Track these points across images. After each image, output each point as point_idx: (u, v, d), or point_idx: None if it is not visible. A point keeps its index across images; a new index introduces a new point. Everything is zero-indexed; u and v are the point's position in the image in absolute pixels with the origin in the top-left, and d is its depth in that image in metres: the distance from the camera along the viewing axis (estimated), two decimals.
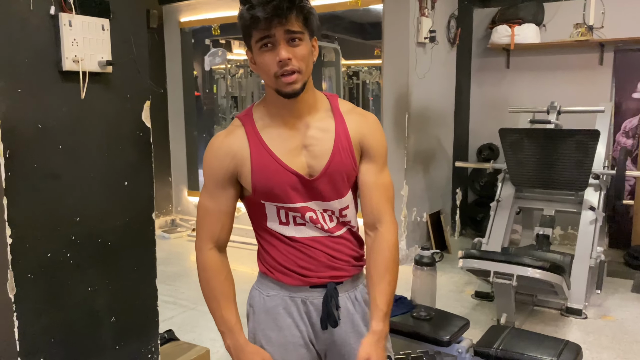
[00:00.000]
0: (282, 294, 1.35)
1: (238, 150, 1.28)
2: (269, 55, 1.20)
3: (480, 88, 5.19)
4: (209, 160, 1.32)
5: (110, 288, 2.12)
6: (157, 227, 5.61)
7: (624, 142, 4.63)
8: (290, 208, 1.29)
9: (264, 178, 1.27)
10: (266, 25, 1.17)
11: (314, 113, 1.31)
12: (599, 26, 4.50)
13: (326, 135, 1.30)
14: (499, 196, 3.92)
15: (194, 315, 3.50)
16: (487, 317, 3.37)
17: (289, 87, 1.21)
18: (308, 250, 1.31)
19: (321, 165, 1.28)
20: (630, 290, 3.84)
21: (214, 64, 7.30)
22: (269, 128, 1.30)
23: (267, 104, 1.32)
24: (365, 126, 1.34)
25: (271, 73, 1.21)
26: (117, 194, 2.12)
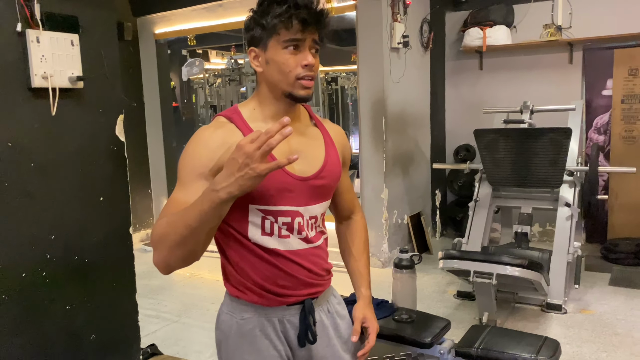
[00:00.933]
0: (258, 316, 1.30)
1: (233, 144, 1.14)
2: (293, 56, 1.21)
3: (455, 90, 5.26)
4: (197, 150, 1.20)
5: (89, 305, 2.10)
6: (138, 240, 5.56)
7: (595, 139, 4.73)
8: (280, 212, 1.25)
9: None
10: (302, 28, 1.20)
11: (301, 121, 1.34)
12: (567, 26, 4.60)
13: (316, 142, 1.34)
14: (477, 196, 3.97)
15: (177, 328, 3.47)
16: (469, 317, 3.41)
17: (305, 91, 1.24)
18: (288, 267, 1.27)
19: (314, 170, 1.30)
20: (608, 284, 3.91)
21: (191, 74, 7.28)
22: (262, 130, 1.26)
23: (260, 106, 1.29)
24: (342, 138, 1.42)
25: (292, 74, 1.21)
26: (93, 209, 2.12)
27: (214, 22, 5.21)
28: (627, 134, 4.61)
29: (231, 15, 5.05)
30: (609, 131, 4.69)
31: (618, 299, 3.62)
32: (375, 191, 4.46)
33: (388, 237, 4.49)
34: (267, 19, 1.21)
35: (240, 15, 4.99)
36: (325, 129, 1.39)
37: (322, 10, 1.22)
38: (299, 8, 1.19)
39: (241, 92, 6.85)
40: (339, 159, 1.37)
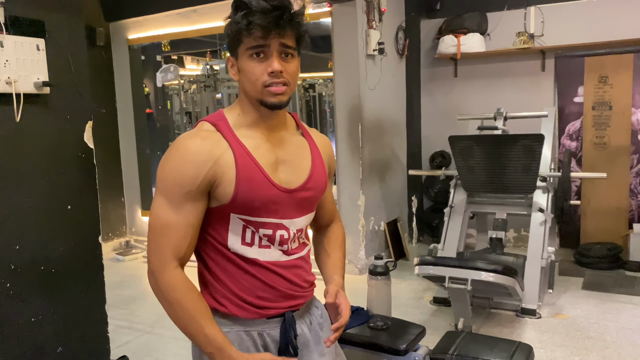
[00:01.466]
0: (236, 329, 1.25)
1: (220, 157, 1.17)
2: (259, 64, 1.17)
3: (431, 97, 5.30)
4: (182, 166, 1.16)
5: (55, 317, 2.04)
6: (111, 249, 5.45)
7: (568, 145, 4.81)
8: (262, 224, 1.22)
9: (248, 188, 1.18)
10: (263, 34, 1.14)
11: (287, 129, 1.31)
12: (540, 34, 4.68)
13: (303, 152, 1.30)
14: (452, 202, 3.99)
15: (150, 339, 3.40)
16: (445, 323, 3.41)
17: (276, 97, 1.18)
18: (269, 278, 1.24)
19: (299, 181, 1.26)
20: (581, 288, 3.96)
21: (166, 80, 7.20)
22: (248, 138, 1.22)
23: (243, 113, 1.25)
24: (328, 148, 1.40)
25: (259, 82, 1.17)
26: (59, 218, 2.06)
27: (189, 27, 5.17)
28: (598, 140, 4.69)
29: (206, 21, 5.02)
30: (580, 137, 4.77)
31: (590, 303, 3.67)
32: (352, 198, 4.46)
33: (365, 244, 4.48)
34: (231, 27, 1.19)
35: (215, 21, 4.96)
36: (312, 138, 1.35)
37: (284, 12, 1.15)
38: (256, 14, 1.14)
39: (217, 98, 6.80)
40: (325, 169, 1.34)
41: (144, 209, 5.69)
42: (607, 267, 4.33)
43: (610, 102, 4.62)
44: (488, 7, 4.88)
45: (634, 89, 4.54)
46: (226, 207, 1.18)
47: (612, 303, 3.65)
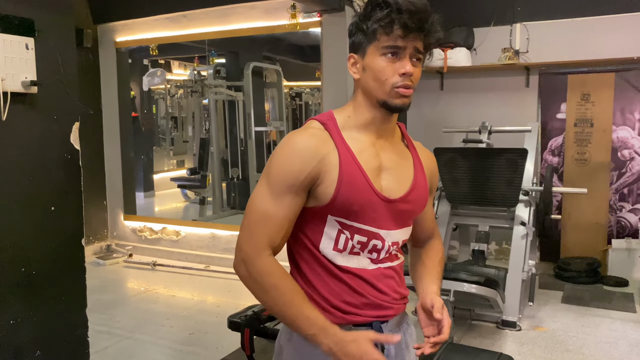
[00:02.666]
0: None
1: (326, 155, 1.17)
2: (390, 64, 1.15)
3: (417, 109, 5.35)
4: (289, 159, 1.17)
5: (35, 319, 2.01)
6: (92, 253, 5.38)
7: (550, 160, 4.89)
8: (359, 230, 1.19)
9: (349, 191, 1.16)
10: (404, 34, 1.13)
11: (394, 138, 1.29)
12: (525, 51, 4.77)
13: (406, 163, 1.28)
14: (436, 213, 4.02)
15: (130, 344, 3.36)
16: None
17: (402, 99, 1.17)
18: (356, 284, 1.20)
19: (401, 192, 1.23)
20: (561, 301, 4.02)
21: (152, 84, 7.18)
22: (354, 140, 1.21)
23: (355, 114, 1.23)
24: (432, 163, 1.36)
25: (388, 82, 1.15)
26: (43, 220, 2.03)
27: (178, 32, 5.16)
28: (579, 156, 4.78)
29: (195, 27, 5.01)
30: (562, 153, 4.85)
31: (570, 316, 3.72)
32: None
33: None
34: (367, 24, 1.16)
35: (205, 27, 4.97)
36: (416, 151, 1.32)
37: (427, 16, 1.14)
38: (401, 12, 1.12)
39: (203, 104, 6.79)
40: (426, 184, 1.30)
41: (127, 213, 5.63)
42: (586, 282, 4.39)
43: (591, 119, 4.72)
44: (475, 22, 4.97)
45: (615, 107, 4.64)
46: (324, 208, 1.18)
47: (590, 317, 3.70)
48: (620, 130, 4.66)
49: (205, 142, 6.61)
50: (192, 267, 4.91)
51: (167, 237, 5.37)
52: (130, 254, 5.33)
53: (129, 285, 4.73)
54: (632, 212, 4.67)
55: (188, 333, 3.50)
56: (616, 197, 4.71)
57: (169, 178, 7.62)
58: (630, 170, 4.65)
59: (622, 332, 3.43)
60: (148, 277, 4.80)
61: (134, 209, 5.75)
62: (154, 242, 5.45)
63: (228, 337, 3.03)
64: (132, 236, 5.57)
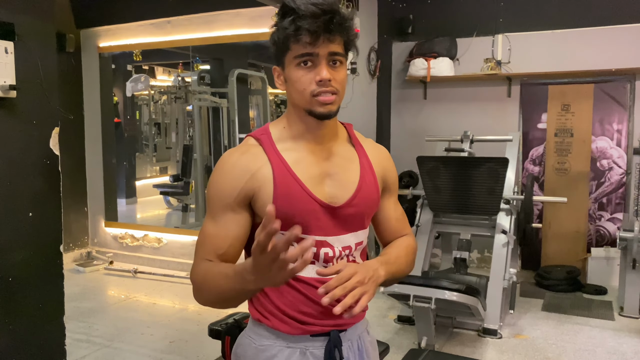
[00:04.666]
0: (279, 344, 1.20)
1: (257, 171, 1.16)
2: (306, 73, 1.12)
3: (400, 118, 5.39)
4: (221, 179, 1.17)
5: (10, 327, 1.97)
6: (72, 260, 5.30)
7: (531, 169, 4.95)
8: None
9: (287, 204, 1.14)
10: (312, 41, 1.09)
11: (336, 140, 1.25)
12: (507, 61, 4.84)
13: (351, 165, 1.24)
14: (418, 221, 4.04)
15: (109, 353, 3.31)
16: (409, 341, 3.43)
17: (325, 107, 1.13)
18: (311, 293, 1.16)
19: (346, 196, 1.20)
20: (541, 309, 4.05)
21: (136, 90, 7.13)
22: (291, 151, 1.19)
23: (289, 125, 1.21)
24: (384, 160, 1.32)
25: (307, 92, 1.12)
26: (19, 225, 2.00)
27: (162, 38, 5.14)
28: (559, 166, 4.85)
29: (179, 33, 5.00)
30: (543, 163, 4.92)
31: (549, 324, 3.75)
32: None
33: None
34: (277, 35, 1.14)
35: (189, 33, 4.95)
36: (364, 150, 1.28)
37: (334, 17, 1.09)
38: (306, 18, 1.08)
39: (187, 110, 6.76)
40: (376, 183, 1.26)
41: (108, 219, 5.57)
42: (566, 290, 4.44)
43: (571, 129, 4.79)
44: (458, 33, 5.03)
45: (594, 117, 4.72)
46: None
47: (570, 325, 3.74)
48: (599, 140, 4.74)
49: (188, 148, 6.57)
50: (174, 274, 4.87)
51: (148, 245, 5.32)
52: (111, 262, 5.27)
53: (109, 292, 4.67)
54: (610, 221, 4.74)
55: (169, 341, 3.46)
56: (595, 206, 4.78)
57: (151, 185, 7.55)
58: (609, 180, 4.73)
59: (601, 340, 3.47)
60: (129, 285, 4.74)
61: (115, 216, 5.69)
62: (135, 250, 5.39)
63: (209, 345, 3.00)
64: (113, 243, 5.50)
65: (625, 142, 4.66)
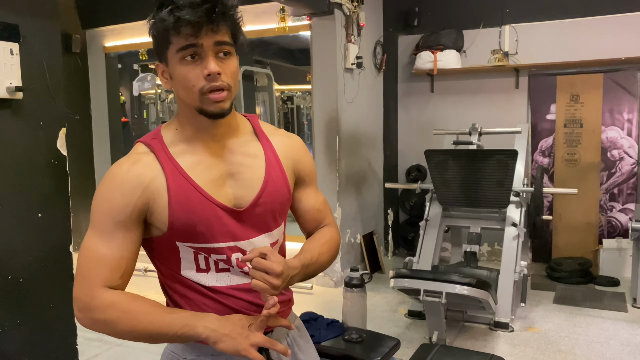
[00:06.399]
0: (203, 357, 1.13)
1: (150, 182, 1.06)
2: (193, 68, 1.03)
3: (407, 112, 5.36)
4: (110, 195, 1.06)
5: (22, 328, 1.98)
6: None
7: (540, 161, 4.90)
8: (213, 249, 1.09)
9: (185, 213, 1.06)
10: (194, 32, 1.00)
11: (237, 136, 1.15)
12: (514, 52, 4.78)
13: (255, 162, 1.15)
14: (428, 215, 4.02)
15: (120, 352, 3.32)
16: (419, 336, 3.42)
17: (216, 105, 1.04)
18: (233, 303, 1.11)
19: (251, 196, 1.12)
20: (552, 302, 4.02)
21: (142, 89, 7.14)
22: (186, 154, 1.10)
23: (181, 126, 1.12)
24: (295, 150, 1.23)
25: (195, 89, 1.03)
26: (29, 227, 2.01)
27: None
28: (569, 157, 4.80)
29: None
30: (552, 154, 4.87)
31: (561, 316, 3.73)
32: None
33: (341, 256, 4.48)
34: (156, 27, 1.05)
35: None
36: (270, 143, 1.19)
37: (215, 5, 1.01)
38: (184, 8, 0.99)
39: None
40: (284, 177, 1.18)
41: None
42: (577, 282, 4.41)
43: (581, 120, 4.74)
44: (464, 24, 4.98)
45: (604, 107, 4.66)
46: (168, 236, 1.08)
47: (582, 317, 3.71)
48: (609, 130, 4.68)
49: None
50: None
51: None
52: None
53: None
54: (622, 212, 4.69)
55: None
56: (606, 197, 4.74)
57: None
58: (620, 170, 4.67)
59: (614, 332, 3.44)
60: (139, 283, 4.73)
61: None
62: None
63: None
64: None
65: (636, 131, 4.60)
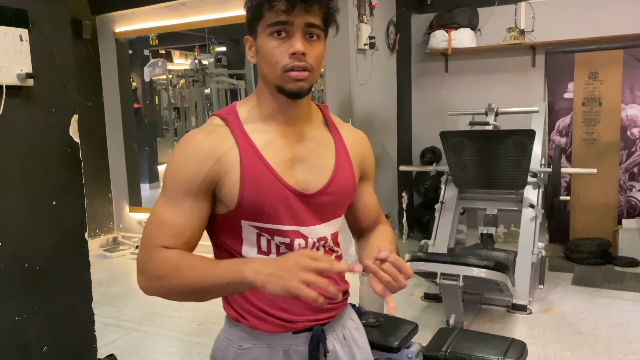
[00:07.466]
0: (259, 345, 1.12)
1: (224, 155, 1.05)
2: (279, 44, 1.02)
3: (421, 92, 5.28)
4: (183, 162, 1.06)
5: (40, 315, 1.99)
6: (98, 246, 5.38)
7: (558, 141, 4.82)
8: (277, 231, 1.08)
9: (255, 191, 1.04)
10: (287, 9, 0.99)
11: (309, 123, 1.15)
12: (530, 30, 4.67)
13: (325, 150, 1.15)
14: (443, 198, 3.98)
15: (138, 337, 3.35)
16: (437, 319, 3.40)
17: (296, 84, 1.03)
18: None
19: (320, 183, 1.11)
20: (571, 283, 3.97)
21: (154, 74, 7.11)
22: (260, 133, 1.09)
23: (259, 104, 1.11)
24: (362, 146, 1.24)
25: (279, 65, 1.02)
26: (44, 214, 2.00)
27: (177, 21, 5.09)
28: (587, 136, 4.71)
29: (195, 15, 4.94)
30: (570, 133, 4.78)
31: (580, 298, 3.68)
32: None
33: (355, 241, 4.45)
34: (251, 1, 1.05)
35: (204, 15, 4.89)
36: (340, 135, 1.19)
37: None
38: None
39: (205, 93, 6.74)
40: (352, 171, 1.17)
41: (132, 205, 5.62)
42: (596, 263, 4.34)
43: (600, 98, 4.63)
44: (478, 2, 4.87)
45: (624, 85, 4.55)
46: (234, 214, 1.07)
47: (601, 298, 3.66)
48: (629, 108, 4.57)
49: None
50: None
51: None
52: (136, 246, 5.32)
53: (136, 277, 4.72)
54: None
55: (196, 324, 3.49)
56: (626, 176, 4.64)
57: None
58: None
59: (635, 313, 3.39)
60: None
61: (139, 201, 5.74)
62: None
63: None
64: (138, 228, 5.55)
65: None
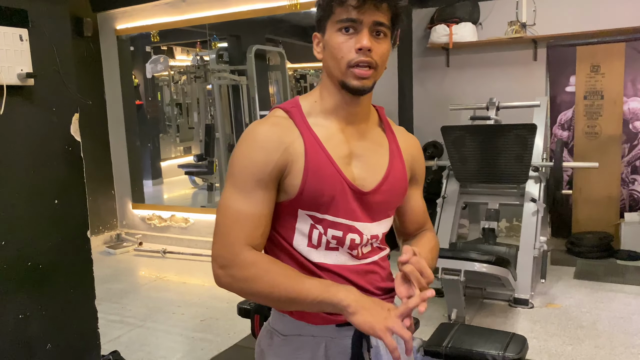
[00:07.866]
0: (304, 335, 1.14)
1: (291, 144, 1.08)
2: (346, 40, 1.06)
3: (423, 87, 5.27)
4: (252, 152, 1.08)
5: (43, 313, 2.01)
6: (102, 242, 5.41)
7: (560, 134, 4.81)
8: (333, 223, 1.11)
9: (317, 180, 1.08)
10: (357, 6, 1.03)
11: (367, 122, 1.19)
12: (532, 23, 4.65)
13: (380, 149, 1.19)
14: (445, 192, 3.98)
15: (142, 333, 3.37)
16: (438, 314, 3.41)
17: (359, 81, 1.07)
18: (338, 281, 1.10)
19: (375, 181, 1.14)
20: (573, 277, 3.98)
21: (155, 71, 7.13)
22: (321, 127, 1.12)
23: (321, 98, 1.15)
24: (414, 149, 1.27)
25: (344, 60, 1.06)
26: (46, 213, 2.02)
27: (178, 17, 5.09)
28: (589, 130, 4.70)
29: (195, 11, 4.95)
30: (572, 127, 4.77)
31: (582, 292, 3.68)
32: None
33: None
34: None
35: (205, 11, 4.90)
36: (395, 136, 1.23)
37: None
38: None
39: (207, 89, 6.74)
40: (404, 172, 1.20)
41: (135, 201, 5.64)
42: (598, 256, 4.34)
43: (602, 91, 4.62)
44: None
45: (626, 78, 4.53)
46: (294, 202, 1.10)
47: (603, 292, 3.66)
48: (631, 101, 4.56)
49: (210, 128, 6.57)
50: (202, 253, 4.92)
51: (176, 225, 5.38)
52: (140, 243, 5.35)
53: (140, 273, 4.75)
54: None
55: (200, 320, 3.51)
56: (628, 170, 4.63)
57: (176, 165, 7.61)
58: None
59: (637, 307, 3.39)
60: (158, 265, 4.82)
61: (142, 198, 5.76)
62: (163, 230, 5.46)
63: (240, 323, 3.04)
64: (142, 224, 5.58)
65: None
